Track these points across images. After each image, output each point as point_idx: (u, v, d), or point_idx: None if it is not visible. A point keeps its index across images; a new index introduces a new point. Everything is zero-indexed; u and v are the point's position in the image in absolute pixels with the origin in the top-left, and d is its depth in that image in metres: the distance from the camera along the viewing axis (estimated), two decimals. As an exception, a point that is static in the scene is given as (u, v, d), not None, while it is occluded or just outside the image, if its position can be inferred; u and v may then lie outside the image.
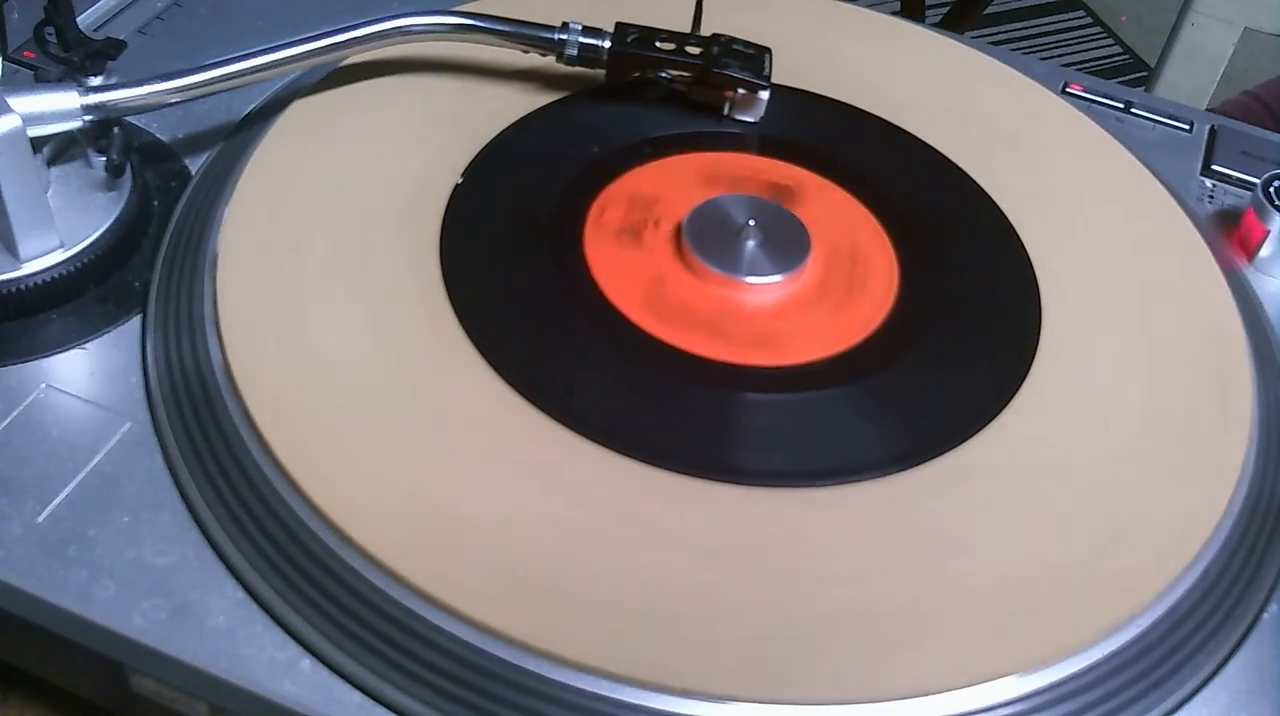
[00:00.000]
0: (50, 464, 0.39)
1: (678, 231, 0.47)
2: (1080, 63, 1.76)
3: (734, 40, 0.52)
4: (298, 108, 0.50)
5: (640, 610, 0.36)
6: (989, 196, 0.52)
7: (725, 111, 0.54)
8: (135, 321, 0.44)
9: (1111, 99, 0.59)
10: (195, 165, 0.50)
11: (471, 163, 0.50)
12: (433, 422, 0.40)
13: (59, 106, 0.43)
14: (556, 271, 0.46)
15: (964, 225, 0.51)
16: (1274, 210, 0.50)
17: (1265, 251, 0.51)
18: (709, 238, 0.47)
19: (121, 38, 0.53)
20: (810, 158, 0.52)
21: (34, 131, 0.42)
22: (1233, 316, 0.47)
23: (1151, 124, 0.59)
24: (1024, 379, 0.44)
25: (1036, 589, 0.38)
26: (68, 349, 0.43)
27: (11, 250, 0.43)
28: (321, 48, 0.48)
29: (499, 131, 0.51)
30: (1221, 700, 0.37)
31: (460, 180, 0.48)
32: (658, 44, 0.52)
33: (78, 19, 0.48)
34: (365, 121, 0.51)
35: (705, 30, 0.52)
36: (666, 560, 0.37)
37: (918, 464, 0.41)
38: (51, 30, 0.47)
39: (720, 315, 0.45)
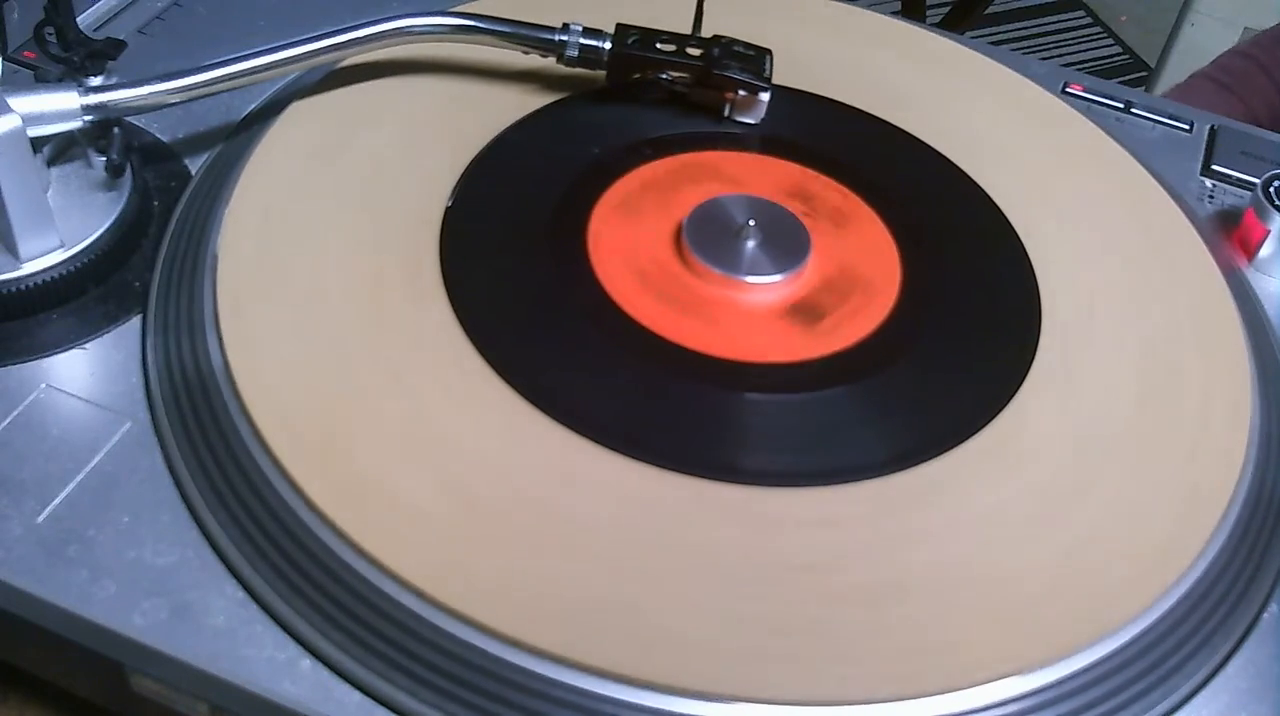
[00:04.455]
0: (50, 464, 0.39)
1: (678, 231, 0.47)
2: (1080, 63, 1.76)
3: (734, 42, 0.52)
4: (298, 108, 0.50)
5: (640, 610, 0.36)
6: (989, 196, 0.52)
7: (725, 113, 0.54)
8: (135, 321, 0.44)
9: (1111, 99, 0.59)
10: (195, 165, 0.50)
11: (471, 163, 0.50)
12: (432, 422, 0.40)
13: (59, 106, 0.43)
14: (557, 272, 0.46)
15: (963, 225, 0.51)
16: (1274, 210, 0.50)
17: (1265, 251, 0.51)
18: (709, 237, 0.47)
19: (121, 38, 0.53)
20: (811, 158, 0.52)
21: (34, 131, 0.42)
22: (1233, 316, 0.47)
23: (1151, 124, 0.59)
24: (1023, 379, 0.44)
25: (1036, 588, 0.38)
26: (68, 349, 0.43)
27: (11, 250, 0.43)
28: (322, 48, 0.48)
29: (499, 132, 0.51)
30: (1221, 700, 0.37)
31: (450, 203, 0.48)
32: (658, 45, 0.52)
33: (78, 19, 0.48)
34: (365, 121, 0.51)
35: (706, 32, 0.52)
36: (666, 560, 0.37)
37: (918, 464, 0.41)
38: (51, 30, 0.47)
39: (720, 315, 0.45)
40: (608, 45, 0.51)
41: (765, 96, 0.53)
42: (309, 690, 0.35)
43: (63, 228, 0.44)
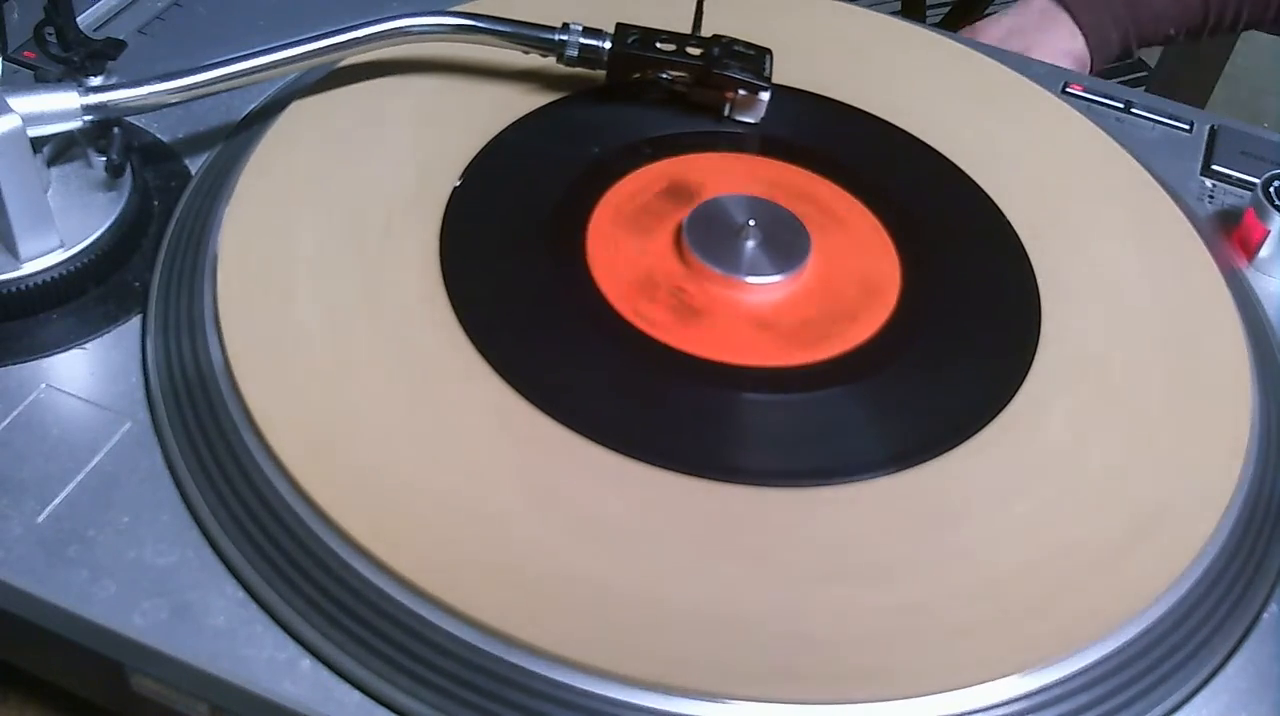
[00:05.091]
0: (50, 464, 0.39)
1: (678, 231, 0.47)
2: (1080, 63, 1.75)
3: (734, 41, 0.52)
4: (298, 107, 0.50)
5: (640, 610, 0.36)
6: (989, 197, 0.52)
7: (725, 112, 0.54)
8: (135, 321, 0.44)
9: (1111, 99, 0.59)
10: (195, 165, 0.50)
11: (471, 163, 0.50)
12: (432, 422, 0.40)
13: (59, 106, 0.43)
14: (556, 272, 0.46)
15: (964, 226, 0.51)
16: (1274, 210, 0.50)
17: (1265, 251, 0.51)
18: (709, 237, 0.47)
19: (121, 38, 0.53)
20: (811, 159, 0.52)
21: (34, 131, 0.42)
22: (1233, 316, 0.47)
23: (1151, 124, 0.59)
24: (1023, 379, 0.44)
25: (1036, 588, 0.38)
26: (68, 349, 0.43)
27: (11, 250, 0.43)
28: (322, 48, 0.48)
29: (499, 131, 0.51)
30: (1221, 700, 0.37)
31: (459, 183, 0.48)
32: (658, 45, 0.52)
33: (78, 19, 0.48)
34: (365, 121, 0.51)
35: (706, 32, 0.52)
36: (667, 560, 0.37)
37: (917, 463, 0.41)
38: (51, 30, 0.47)
39: (720, 315, 0.45)
40: (608, 45, 0.51)
41: (765, 96, 0.53)
42: (309, 690, 0.35)
43: (63, 228, 0.44)
